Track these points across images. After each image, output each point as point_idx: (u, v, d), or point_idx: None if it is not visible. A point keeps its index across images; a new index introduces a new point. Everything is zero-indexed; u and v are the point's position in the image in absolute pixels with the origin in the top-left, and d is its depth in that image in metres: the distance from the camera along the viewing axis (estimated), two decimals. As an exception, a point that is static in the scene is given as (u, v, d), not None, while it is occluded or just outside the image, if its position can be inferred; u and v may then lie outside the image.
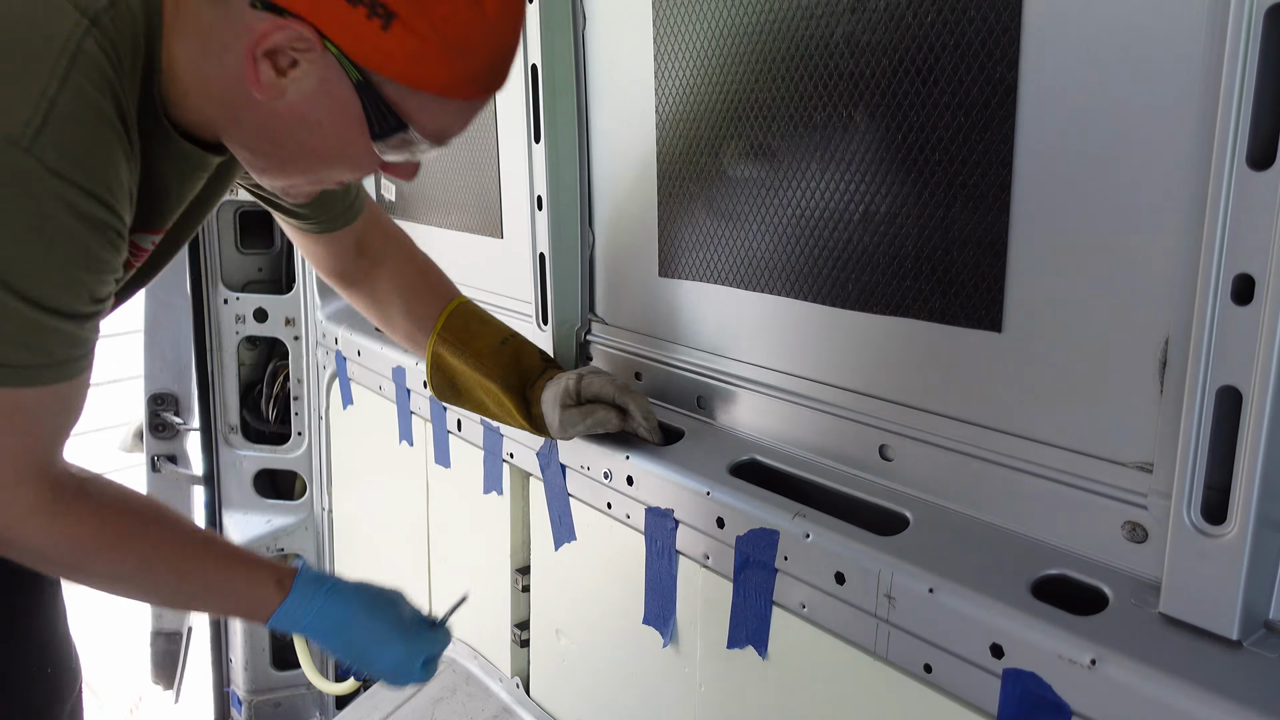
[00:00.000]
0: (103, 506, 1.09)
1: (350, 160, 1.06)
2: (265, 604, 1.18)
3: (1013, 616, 0.96)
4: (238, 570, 1.19)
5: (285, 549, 2.66)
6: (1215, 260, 0.82)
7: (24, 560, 1.08)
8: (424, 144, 1.04)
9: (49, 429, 1.02)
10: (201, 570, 1.16)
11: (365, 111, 0.98)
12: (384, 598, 1.25)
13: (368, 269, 1.56)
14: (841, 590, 1.13)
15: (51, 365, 0.97)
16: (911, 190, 1.14)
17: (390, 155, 1.04)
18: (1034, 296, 1.05)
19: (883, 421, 1.23)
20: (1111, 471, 1.00)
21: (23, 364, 0.95)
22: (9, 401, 0.96)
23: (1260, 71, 0.78)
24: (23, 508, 1.02)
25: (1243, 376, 0.82)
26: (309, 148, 1.03)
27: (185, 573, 1.15)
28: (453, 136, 1.06)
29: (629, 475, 1.44)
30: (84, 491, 1.07)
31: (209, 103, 1.02)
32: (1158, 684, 0.85)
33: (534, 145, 1.63)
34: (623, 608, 1.51)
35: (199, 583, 1.17)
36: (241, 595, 1.19)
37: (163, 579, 1.15)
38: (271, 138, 1.03)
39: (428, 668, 1.28)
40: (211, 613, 1.25)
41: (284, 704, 2.78)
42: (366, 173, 1.10)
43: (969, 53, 1.04)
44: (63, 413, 1.03)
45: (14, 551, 1.06)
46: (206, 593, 1.19)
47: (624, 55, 1.52)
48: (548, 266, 1.67)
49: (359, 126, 0.99)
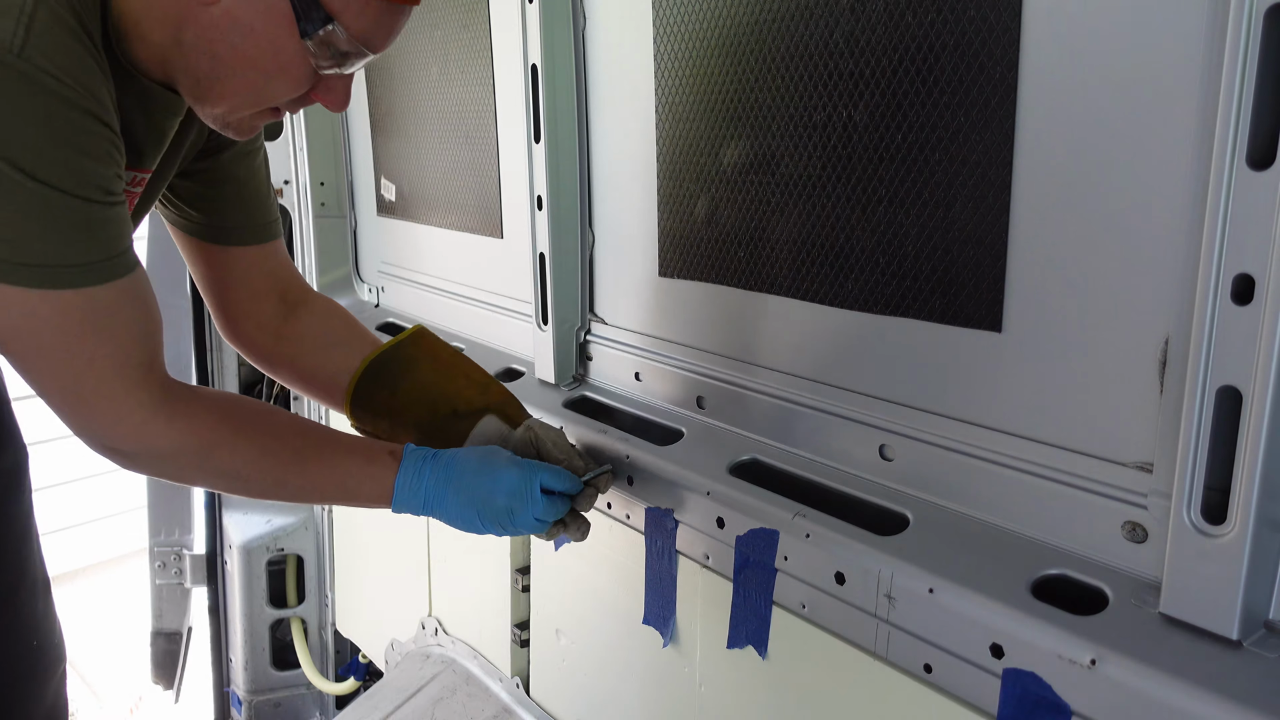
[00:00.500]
0: (215, 403, 1.15)
1: (284, 70, 1.08)
2: (383, 476, 1.21)
3: (1013, 616, 0.96)
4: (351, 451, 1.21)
5: (285, 549, 2.66)
6: (1215, 260, 0.82)
7: (149, 469, 1.14)
8: (351, 50, 1.07)
9: (136, 331, 1.07)
10: (319, 453, 1.19)
11: (294, 6, 1.03)
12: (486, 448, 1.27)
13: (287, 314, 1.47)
14: (841, 590, 1.13)
15: (111, 258, 1.03)
16: (911, 190, 1.14)
17: (322, 63, 1.08)
18: (1034, 296, 1.05)
19: (883, 421, 1.23)
20: (1111, 471, 1.00)
21: (88, 261, 1.01)
22: (85, 304, 1.01)
23: (1260, 71, 0.78)
24: (142, 413, 1.07)
25: (1243, 376, 0.82)
26: (244, 54, 1.05)
27: (306, 457, 1.18)
28: (379, 45, 1.09)
29: (629, 475, 1.44)
30: (194, 393, 1.13)
31: (156, 28, 1.06)
32: (1158, 684, 0.85)
33: (534, 145, 1.63)
34: (623, 608, 1.51)
35: (319, 469, 1.19)
36: (361, 471, 1.21)
37: (286, 466, 1.18)
38: (210, 51, 1.06)
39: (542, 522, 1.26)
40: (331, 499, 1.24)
41: (284, 704, 2.78)
42: (301, 87, 1.11)
43: (969, 53, 1.04)
44: (141, 310, 1.08)
45: (141, 460, 1.11)
46: (327, 478, 1.20)
47: (624, 55, 1.52)
48: (548, 266, 1.67)
49: (289, 27, 1.04)
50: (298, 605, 2.71)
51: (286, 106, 1.15)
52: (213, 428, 1.12)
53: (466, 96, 1.95)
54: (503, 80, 1.84)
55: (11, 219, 0.95)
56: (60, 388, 1.05)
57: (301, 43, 1.05)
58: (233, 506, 2.71)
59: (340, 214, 2.51)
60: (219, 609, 2.82)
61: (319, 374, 1.46)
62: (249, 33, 1.04)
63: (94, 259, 1.01)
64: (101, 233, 1.02)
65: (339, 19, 1.04)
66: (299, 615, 2.71)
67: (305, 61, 1.08)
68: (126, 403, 1.07)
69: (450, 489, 1.22)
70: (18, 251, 0.97)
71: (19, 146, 0.93)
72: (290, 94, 1.12)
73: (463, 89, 1.96)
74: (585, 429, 1.54)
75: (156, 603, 2.91)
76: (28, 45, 0.92)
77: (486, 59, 1.86)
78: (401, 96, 2.16)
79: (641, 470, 1.42)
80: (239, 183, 1.40)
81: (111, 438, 1.09)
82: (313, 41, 1.05)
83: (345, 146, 2.46)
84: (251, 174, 1.42)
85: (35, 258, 0.98)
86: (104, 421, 1.08)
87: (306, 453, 1.18)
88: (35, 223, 0.96)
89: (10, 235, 0.96)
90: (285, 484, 1.20)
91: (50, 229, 0.98)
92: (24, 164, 0.94)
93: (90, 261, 1.01)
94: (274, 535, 2.65)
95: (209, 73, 1.08)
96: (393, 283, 2.42)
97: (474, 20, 1.86)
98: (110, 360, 1.05)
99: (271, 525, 2.66)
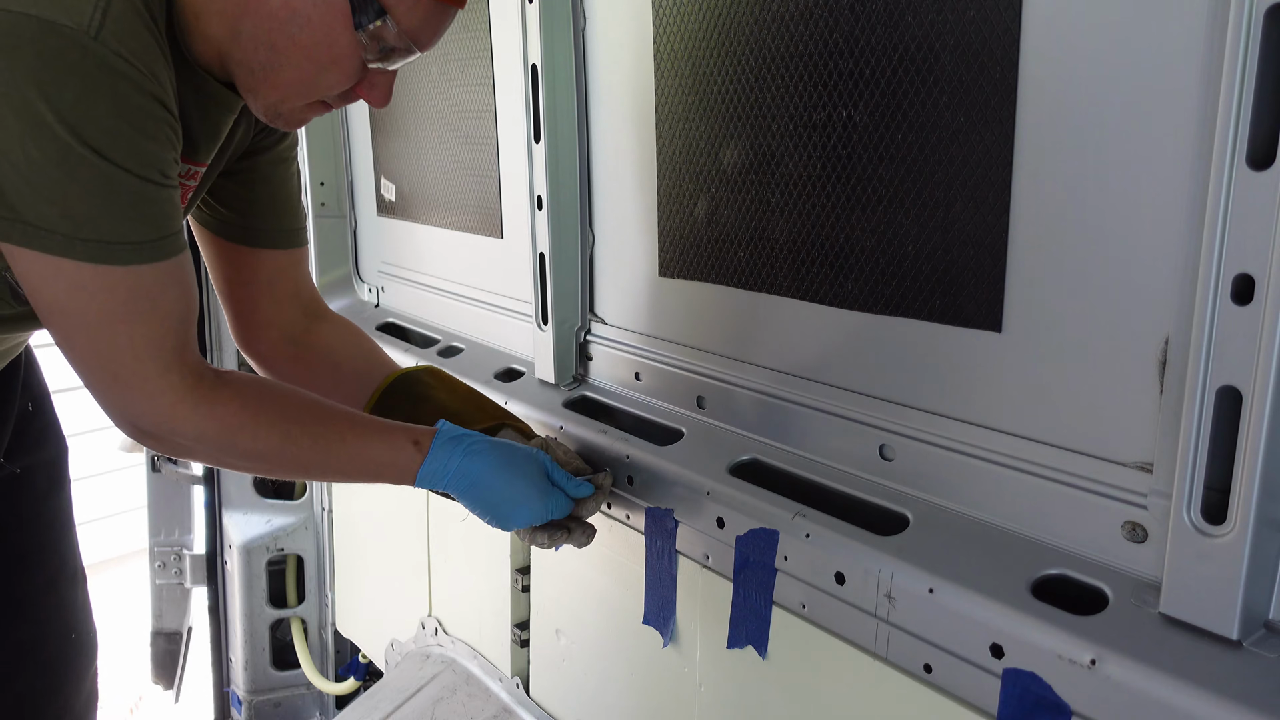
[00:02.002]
0: (242, 389, 1.17)
1: (337, 62, 1.12)
2: (407, 466, 1.24)
3: (1012, 616, 0.96)
4: (376, 436, 1.24)
5: (285, 549, 2.66)
6: (1215, 260, 0.82)
7: (175, 451, 1.17)
8: (400, 45, 1.12)
9: (175, 313, 1.10)
10: (341, 440, 1.22)
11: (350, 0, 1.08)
12: (521, 454, 1.29)
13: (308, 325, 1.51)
14: (841, 590, 1.13)
15: (163, 239, 1.06)
16: (911, 190, 1.14)
17: (371, 57, 1.13)
18: (1034, 296, 1.05)
19: (883, 421, 1.23)
20: (1111, 471, 1.00)
21: (142, 239, 1.04)
22: (133, 282, 1.04)
23: (1260, 71, 0.78)
24: (174, 395, 1.10)
25: (1243, 376, 0.82)
26: (301, 44, 1.10)
27: (327, 443, 1.21)
28: (425, 42, 1.15)
29: (629, 475, 1.44)
30: (221, 378, 1.16)
31: (215, 20, 1.10)
32: (1158, 684, 0.85)
33: (534, 145, 1.63)
34: (623, 608, 1.51)
35: (340, 451, 1.22)
36: (384, 460, 1.24)
37: (306, 451, 1.20)
38: (268, 42, 1.10)
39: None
40: (358, 480, 1.29)
41: (284, 704, 2.78)
42: (350, 80, 1.15)
43: (969, 53, 1.04)
44: (182, 293, 1.11)
45: (170, 443, 1.14)
46: (349, 460, 1.23)
47: (624, 55, 1.52)
48: (548, 266, 1.67)
49: (344, 20, 1.09)
50: (298, 605, 2.71)
51: (334, 101, 1.19)
52: (236, 413, 1.15)
53: (466, 96, 1.95)
54: (502, 80, 1.84)
55: (78, 195, 0.99)
56: (99, 365, 1.08)
57: (355, 35, 1.10)
58: (233, 506, 2.71)
59: (340, 214, 2.51)
60: (219, 609, 2.82)
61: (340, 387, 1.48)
62: (306, 24, 1.08)
63: (148, 238, 1.05)
64: (158, 212, 1.05)
65: (392, 13, 1.10)
66: (299, 615, 2.71)
67: (356, 54, 1.12)
68: (158, 384, 1.09)
69: (474, 497, 1.26)
70: (79, 227, 1.00)
71: (91, 125, 0.97)
72: (340, 86, 1.15)
73: (463, 89, 1.96)
74: (585, 429, 1.55)
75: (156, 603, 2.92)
76: (104, 29, 0.96)
77: (486, 59, 1.86)
78: (402, 96, 2.16)
79: (641, 470, 1.42)
80: (273, 185, 1.44)
81: (141, 418, 1.11)
82: (365, 34, 1.10)
83: (345, 146, 2.46)
84: (285, 179, 1.46)
85: (94, 233, 1.00)
86: (135, 402, 1.10)
87: (329, 438, 1.21)
88: (98, 199, 1.00)
89: (74, 210, 0.99)
90: (309, 467, 1.24)
91: (111, 206, 1.01)
92: (94, 142, 0.97)
93: (144, 240, 1.04)
94: (274, 535, 2.65)
95: (265, 62, 1.11)
96: (393, 283, 2.42)
97: (474, 20, 1.86)
98: (147, 341, 1.07)
99: (271, 525, 2.66)
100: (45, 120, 0.95)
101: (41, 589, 1.37)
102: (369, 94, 1.18)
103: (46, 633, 1.37)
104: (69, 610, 1.41)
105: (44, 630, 1.36)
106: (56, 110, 0.95)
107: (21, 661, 1.34)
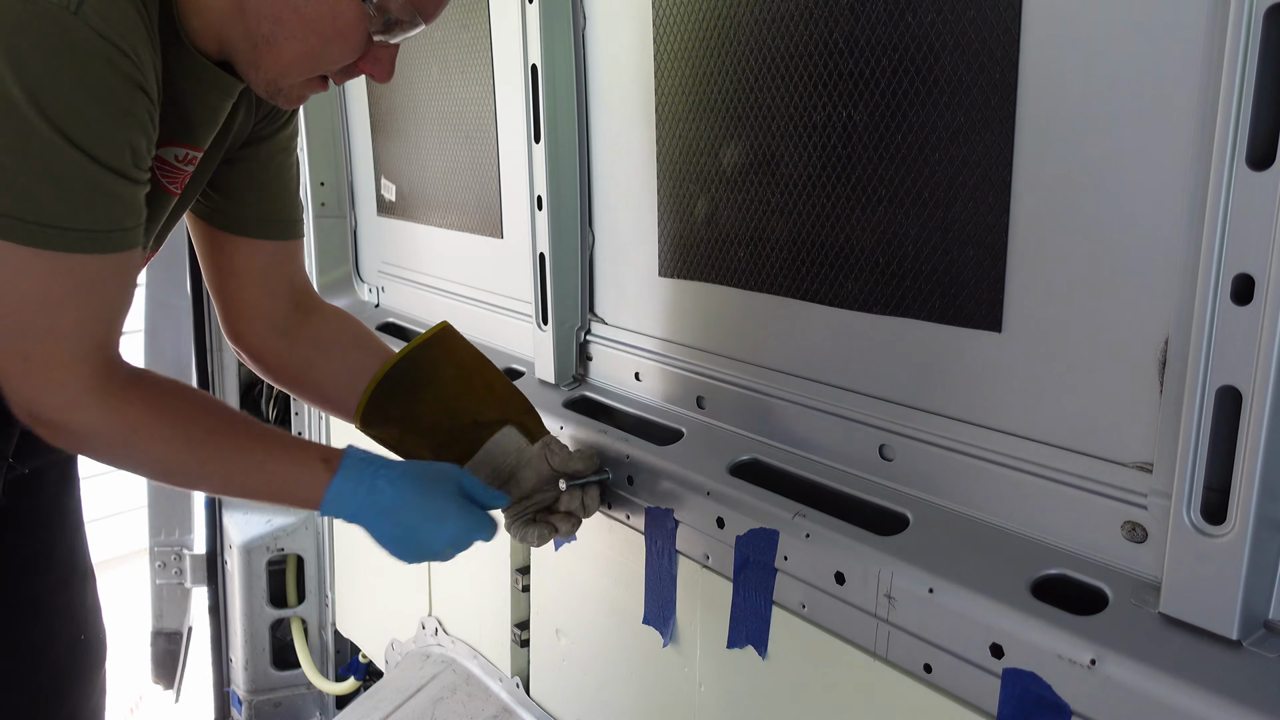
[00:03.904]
0: (153, 392, 1.13)
1: (341, 34, 1.10)
2: (313, 485, 1.18)
3: (1012, 616, 0.96)
4: (283, 452, 1.19)
5: (285, 549, 2.66)
6: (1215, 260, 0.82)
7: (69, 444, 1.11)
8: (405, 17, 1.11)
9: (107, 306, 1.07)
10: (247, 453, 1.17)
11: None
12: (438, 473, 1.25)
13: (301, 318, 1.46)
14: (841, 590, 1.13)
15: (112, 232, 1.02)
16: (911, 190, 1.14)
17: (374, 28, 1.11)
18: (1034, 296, 1.05)
19: (883, 421, 1.23)
20: (1111, 471, 1.00)
21: (87, 228, 1.00)
22: (71, 269, 1.01)
23: (1260, 71, 0.78)
24: (79, 387, 1.05)
25: (1243, 376, 0.82)
26: (306, 16, 1.08)
27: (231, 456, 1.17)
28: (429, 14, 1.13)
29: (629, 475, 1.44)
30: (136, 377, 1.11)
31: None
32: (1157, 684, 0.85)
33: (534, 145, 1.63)
34: (623, 608, 1.51)
35: (245, 465, 1.18)
36: (289, 477, 1.19)
37: (209, 462, 1.16)
38: (272, 14, 1.08)
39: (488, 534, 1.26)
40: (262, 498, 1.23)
41: (284, 704, 2.78)
42: (353, 54, 1.13)
43: (969, 53, 1.04)
44: (119, 289, 1.08)
45: (65, 435, 1.09)
46: (253, 475, 1.19)
47: (624, 55, 1.52)
48: (548, 266, 1.67)
49: None
50: (298, 605, 2.72)
51: (335, 76, 1.17)
52: (140, 413, 1.10)
53: (466, 96, 1.95)
54: (503, 80, 1.84)
55: (31, 174, 0.96)
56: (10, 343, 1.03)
57: (360, 7, 1.08)
58: (233, 506, 2.72)
59: (340, 214, 2.51)
60: (219, 609, 2.82)
61: (334, 377, 1.44)
62: None
63: (99, 228, 1.01)
64: (114, 204, 1.02)
65: None
66: (299, 615, 2.71)
67: (361, 26, 1.10)
68: (68, 372, 1.04)
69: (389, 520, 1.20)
70: (26, 208, 0.96)
71: (61, 106, 0.94)
72: (343, 61, 1.14)
73: (463, 89, 1.96)
74: (585, 429, 1.55)
75: (157, 603, 2.92)
76: (85, 4, 0.93)
77: (486, 59, 1.86)
78: (402, 96, 2.16)
79: (641, 470, 1.42)
80: (270, 175, 1.40)
81: (40, 404, 1.06)
82: (371, 6, 1.08)
83: (345, 146, 2.46)
84: (283, 169, 1.43)
85: (42, 216, 0.97)
86: (38, 386, 1.05)
87: (232, 451, 1.17)
88: (51, 181, 0.97)
89: (22, 189, 0.96)
90: (209, 477, 1.20)
91: (66, 190, 0.98)
92: (60, 122, 0.94)
93: (95, 230, 1.01)
94: (274, 535, 2.65)
95: (268, 35, 1.09)
96: (393, 283, 2.42)
97: (474, 20, 1.86)
98: (71, 329, 1.03)
99: (272, 525, 2.66)
100: (11, 94, 0.92)
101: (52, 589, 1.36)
102: (372, 68, 1.16)
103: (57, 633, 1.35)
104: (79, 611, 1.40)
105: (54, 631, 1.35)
106: (25, 85, 0.92)
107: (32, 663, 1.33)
